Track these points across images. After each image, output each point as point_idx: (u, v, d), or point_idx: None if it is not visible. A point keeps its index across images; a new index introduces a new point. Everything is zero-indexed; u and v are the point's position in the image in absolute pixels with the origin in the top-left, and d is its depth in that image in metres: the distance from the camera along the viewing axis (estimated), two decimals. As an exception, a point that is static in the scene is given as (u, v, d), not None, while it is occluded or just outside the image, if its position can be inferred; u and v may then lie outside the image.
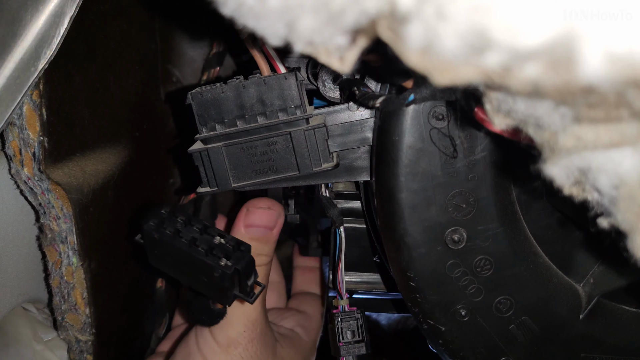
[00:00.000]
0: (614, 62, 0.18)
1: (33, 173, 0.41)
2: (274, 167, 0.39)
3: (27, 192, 0.42)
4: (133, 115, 0.53)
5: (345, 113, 0.41)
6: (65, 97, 0.42)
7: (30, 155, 0.40)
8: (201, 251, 0.39)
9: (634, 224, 0.24)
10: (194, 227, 0.40)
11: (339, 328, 0.49)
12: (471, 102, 0.31)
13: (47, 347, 0.45)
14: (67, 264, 0.44)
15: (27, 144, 0.40)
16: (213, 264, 0.38)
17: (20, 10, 0.34)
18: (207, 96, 0.38)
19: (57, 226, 0.43)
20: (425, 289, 0.41)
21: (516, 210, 0.41)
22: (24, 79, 0.35)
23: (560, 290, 0.42)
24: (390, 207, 0.40)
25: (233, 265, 0.39)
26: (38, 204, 0.43)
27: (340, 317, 0.49)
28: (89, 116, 0.46)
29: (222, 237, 0.40)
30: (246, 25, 0.25)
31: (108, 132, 0.49)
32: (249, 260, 0.40)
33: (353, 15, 0.21)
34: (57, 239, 0.43)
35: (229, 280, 0.39)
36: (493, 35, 0.18)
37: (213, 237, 0.40)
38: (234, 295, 0.41)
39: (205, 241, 0.40)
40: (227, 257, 0.39)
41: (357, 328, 0.49)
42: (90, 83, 0.46)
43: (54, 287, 0.45)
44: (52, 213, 0.42)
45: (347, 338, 0.48)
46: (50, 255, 0.44)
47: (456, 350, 0.42)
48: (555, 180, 0.26)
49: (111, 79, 0.49)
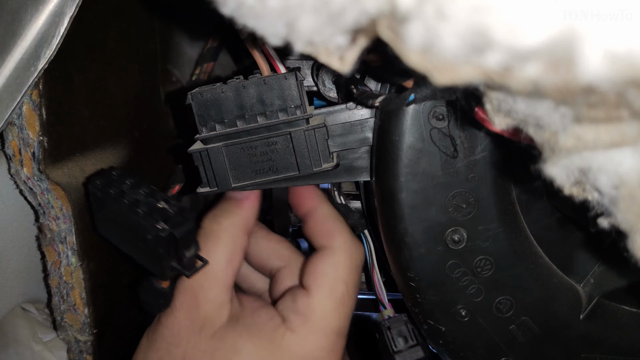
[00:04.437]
0: (614, 62, 0.18)
1: (32, 173, 0.41)
2: (274, 167, 0.39)
3: (26, 192, 0.42)
4: (132, 115, 0.53)
5: (345, 113, 0.41)
6: (65, 97, 0.42)
7: (30, 155, 0.40)
8: (140, 213, 0.36)
9: (634, 224, 0.24)
10: (141, 190, 0.38)
11: (389, 337, 0.46)
12: (471, 102, 0.31)
13: (46, 348, 0.45)
14: (66, 264, 0.44)
15: (27, 143, 0.40)
16: (148, 226, 0.36)
17: (20, 10, 0.34)
18: (207, 96, 0.38)
19: (57, 226, 0.43)
20: (426, 289, 0.41)
21: (516, 210, 0.41)
22: (23, 79, 0.35)
23: (561, 291, 0.42)
24: (391, 207, 0.40)
25: (169, 229, 0.36)
26: (37, 204, 0.42)
27: (389, 324, 0.47)
28: (89, 116, 0.46)
29: (167, 202, 0.38)
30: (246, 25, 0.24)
31: (107, 132, 0.49)
32: (189, 228, 0.37)
33: (353, 14, 0.21)
34: (57, 239, 0.43)
35: (163, 246, 0.36)
36: (493, 35, 0.18)
37: (157, 202, 0.37)
38: (170, 267, 0.37)
39: (148, 204, 0.37)
40: (165, 221, 0.36)
41: (408, 333, 0.46)
42: (90, 83, 0.46)
43: (53, 287, 0.45)
44: (51, 213, 0.42)
45: (401, 345, 0.46)
46: (49, 255, 0.44)
47: (456, 350, 0.42)
48: (556, 180, 0.26)
49: (110, 79, 0.49)
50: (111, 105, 0.49)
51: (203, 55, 0.56)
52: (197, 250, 0.38)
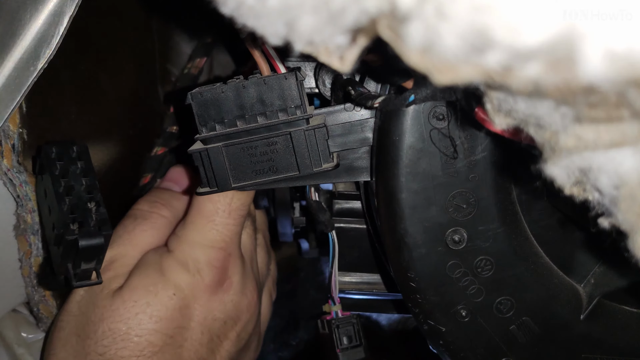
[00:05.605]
0: (615, 61, 0.18)
1: (12, 165, 0.41)
2: (274, 168, 0.39)
3: (7, 183, 0.42)
4: (127, 114, 0.53)
5: (345, 113, 0.41)
6: (50, 91, 0.42)
7: (10, 146, 0.40)
8: (65, 202, 0.36)
9: (635, 224, 0.24)
10: (84, 179, 0.37)
11: (336, 335, 0.48)
12: (472, 102, 0.31)
13: (27, 351, 0.45)
14: (36, 255, 0.44)
15: (7, 135, 0.40)
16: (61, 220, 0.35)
17: (20, 9, 0.34)
18: (207, 96, 0.38)
19: (31, 219, 0.43)
20: (426, 290, 0.41)
21: (517, 210, 0.41)
22: (23, 79, 0.35)
23: (561, 291, 0.42)
24: (391, 207, 0.39)
25: (76, 235, 0.35)
26: (17, 195, 0.43)
27: (336, 323, 0.49)
28: (77, 112, 0.46)
29: (98, 206, 0.37)
30: (246, 24, 0.24)
31: (99, 129, 0.49)
32: (97, 243, 0.36)
33: (353, 14, 0.21)
34: (29, 231, 0.43)
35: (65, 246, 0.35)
36: (494, 34, 0.18)
37: (89, 200, 0.37)
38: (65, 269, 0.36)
39: (79, 198, 0.36)
40: (81, 225, 0.36)
41: (353, 333, 0.48)
42: (80, 79, 0.46)
43: (25, 276, 0.45)
44: (28, 205, 0.42)
45: (345, 344, 0.48)
46: (21, 245, 0.44)
47: (457, 350, 0.42)
48: (556, 180, 0.26)
49: (104, 76, 0.49)
50: (104, 102, 0.49)
51: (196, 50, 0.56)
52: (97, 268, 0.38)
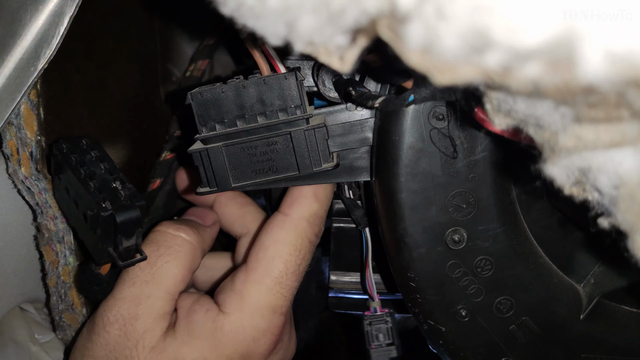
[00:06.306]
0: (614, 61, 0.18)
1: (30, 172, 0.40)
2: (274, 167, 0.39)
3: (24, 191, 0.42)
4: (132, 115, 0.53)
5: (345, 113, 0.41)
6: (63, 97, 0.42)
7: (28, 154, 0.40)
8: (91, 186, 0.35)
9: (634, 224, 0.24)
10: (102, 165, 0.37)
11: (368, 331, 0.48)
12: (471, 102, 0.31)
13: (42, 349, 0.45)
14: (64, 264, 0.44)
15: (25, 143, 0.40)
16: (92, 201, 0.34)
17: (20, 9, 0.34)
18: (207, 96, 0.38)
19: (54, 226, 0.43)
20: (426, 290, 0.41)
21: (516, 210, 0.41)
22: (23, 79, 0.35)
23: (561, 291, 0.42)
24: (391, 207, 0.40)
25: (111, 210, 0.33)
26: (35, 203, 0.42)
27: (370, 319, 0.48)
28: (88, 116, 0.46)
29: (122, 184, 0.36)
30: (246, 24, 0.24)
31: (107, 132, 0.49)
32: (133, 216, 0.34)
33: (353, 14, 0.21)
34: (54, 239, 0.43)
35: (102, 226, 0.33)
36: (493, 35, 0.18)
37: (113, 181, 0.36)
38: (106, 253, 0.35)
39: (102, 180, 0.36)
40: (112, 202, 0.34)
41: (387, 331, 0.48)
42: (89, 82, 0.46)
43: (51, 287, 0.45)
44: (49, 213, 0.42)
45: (379, 341, 0.48)
46: (47, 255, 0.44)
47: (456, 350, 0.42)
48: (556, 180, 0.26)
49: (110, 79, 0.49)
50: (110, 105, 0.49)
51: (198, 52, 0.56)
52: (138, 243, 0.36)
